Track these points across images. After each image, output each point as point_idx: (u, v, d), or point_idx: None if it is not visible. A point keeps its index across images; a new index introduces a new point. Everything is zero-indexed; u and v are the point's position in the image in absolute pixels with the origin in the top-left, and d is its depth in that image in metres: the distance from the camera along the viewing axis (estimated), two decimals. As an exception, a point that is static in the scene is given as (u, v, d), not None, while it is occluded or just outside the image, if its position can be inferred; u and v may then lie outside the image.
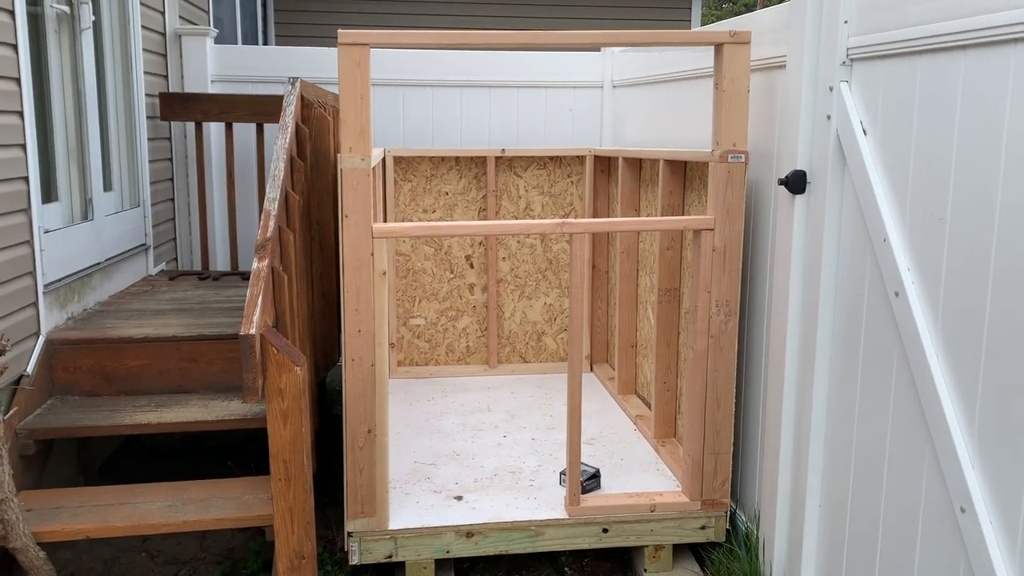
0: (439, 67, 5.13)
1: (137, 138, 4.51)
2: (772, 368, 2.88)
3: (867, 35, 2.35)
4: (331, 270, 3.95)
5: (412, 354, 4.84)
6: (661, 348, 3.71)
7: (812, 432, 2.66)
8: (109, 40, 4.29)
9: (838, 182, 2.52)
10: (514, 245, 4.82)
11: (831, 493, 2.62)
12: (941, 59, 2.06)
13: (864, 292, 2.40)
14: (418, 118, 5.16)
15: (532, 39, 2.99)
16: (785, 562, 2.87)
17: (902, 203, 2.23)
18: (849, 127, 2.43)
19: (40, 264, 3.33)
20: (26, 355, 3.20)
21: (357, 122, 2.77)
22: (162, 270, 4.82)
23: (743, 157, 2.93)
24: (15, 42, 3.16)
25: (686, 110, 3.83)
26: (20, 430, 3.00)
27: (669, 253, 3.66)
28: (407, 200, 4.71)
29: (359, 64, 2.75)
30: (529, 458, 3.58)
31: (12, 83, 3.14)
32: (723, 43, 2.88)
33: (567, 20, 8.96)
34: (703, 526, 3.15)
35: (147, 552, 3.40)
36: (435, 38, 2.87)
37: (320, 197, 3.75)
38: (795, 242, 2.70)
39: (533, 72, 5.21)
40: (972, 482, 1.95)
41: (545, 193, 4.82)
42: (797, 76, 2.65)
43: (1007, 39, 1.82)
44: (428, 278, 4.79)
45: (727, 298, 3.00)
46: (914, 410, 2.18)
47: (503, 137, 5.23)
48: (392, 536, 2.99)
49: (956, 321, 2.02)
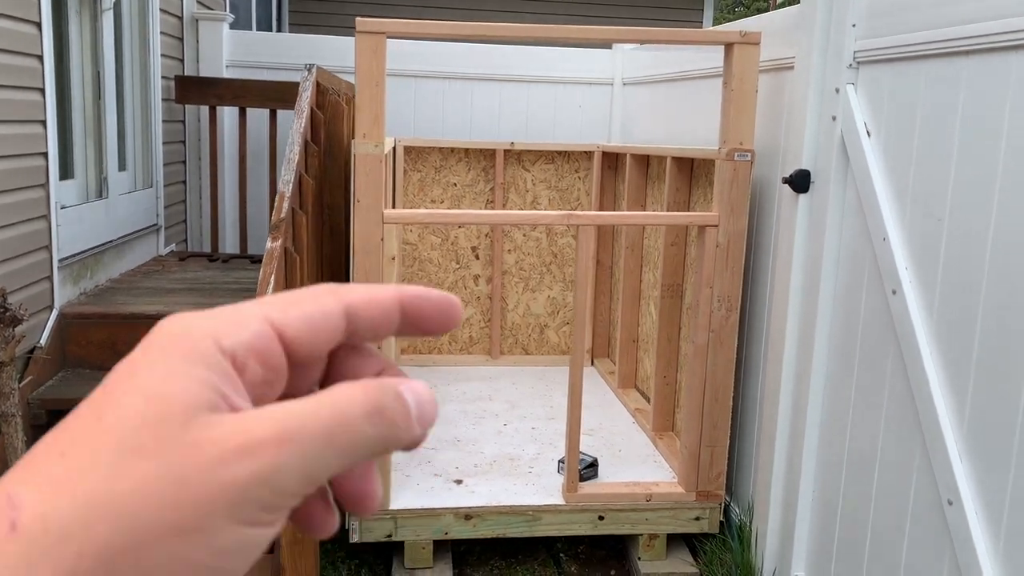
0: (452, 60, 5.18)
1: (152, 120, 4.57)
2: (770, 363, 2.94)
3: (874, 39, 2.41)
4: (341, 254, 4.01)
5: (416, 342, 4.90)
6: (662, 343, 3.76)
7: (807, 425, 2.72)
8: (128, 22, 4.36)
9: (841, 182, 2.58)
10: (520, 238, 4.88)
11: (824, 486, 2.68)
12: (944, 64, 2.11)
13: (863, 290, 2.46)
14: (429, 109, 5.22)
15: (544, 33, 3.05)
16: (777, 553, 2.93)
17: (902, 204, 2.29)
18: (853, 128, 2.48)
19: (56, 239, 3.39)
20: (40, 327, 3.27)
21: (372, 109, 2.83)
22: (172, 251, 4.89)
23: (749, 156, 2.98)
24: (39, 20, 3.22)
25: (695, 109, 3.88)
26: (32, 400, 3.07)
27: (673, 249, 3.71)
28: (416, 190, 4.77)
29: (376, 52, 2.81)
30: (528, 446, 3.64)
31: (35, 60, 3.20)
32: (733, 43, 2.93)
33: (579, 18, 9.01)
34: (697, 517, 3.21)
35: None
36: (451, 29, 2.93)
37: (332, 182, 3.81)
38: (797, 240, 2.76)
39: (545, 68, 5.26)
40: (960, 475, 2.00)
41: (552, 187, 4.87)
42: (804, 77, 2.70)
43: (1008, 46, 1.87)
44: (434, 268, 4.85)
45: (728, 293, 3.06)
46: (907, 405, 2.23)
47: (513, 131, 5.28)
48: (392, 516, 3.05)
49: (950, 319, 2.08)
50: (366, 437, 0.30)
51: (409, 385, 0.31)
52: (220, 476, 0.28)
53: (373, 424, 0.30)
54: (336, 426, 0.30)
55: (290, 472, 0.29)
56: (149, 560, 0.27)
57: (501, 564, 3.29)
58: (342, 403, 0.30)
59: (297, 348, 0.32)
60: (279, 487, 0.29)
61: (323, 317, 0.32)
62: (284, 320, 0.32)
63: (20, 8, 3.07)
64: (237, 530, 0.28)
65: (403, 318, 0.34)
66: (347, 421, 0.30)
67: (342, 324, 0.33)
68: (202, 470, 0.28)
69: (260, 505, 0.28)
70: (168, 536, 0.27)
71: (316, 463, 0.29)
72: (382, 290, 0.34)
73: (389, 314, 0.34)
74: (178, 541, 0.27)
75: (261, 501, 0.28)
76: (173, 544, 0.27)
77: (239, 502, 0.28)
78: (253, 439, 0.28)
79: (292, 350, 0.32)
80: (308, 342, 0.32)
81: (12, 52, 3.04)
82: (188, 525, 0.27)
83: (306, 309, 0.32)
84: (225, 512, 0.28)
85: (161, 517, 0.27)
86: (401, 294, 0.34)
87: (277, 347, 0.32)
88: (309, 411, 0.29)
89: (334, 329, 0.33)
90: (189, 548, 0.27)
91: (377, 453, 0.31)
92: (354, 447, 0.30)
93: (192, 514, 0.27)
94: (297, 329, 0.32)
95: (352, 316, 0.33)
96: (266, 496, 0.28)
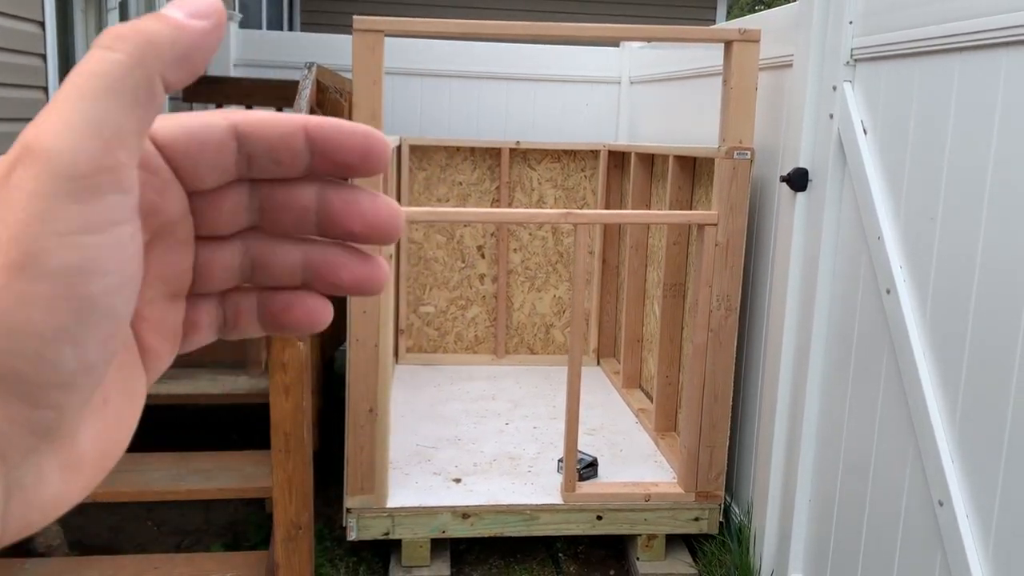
0: (458, 59, 5.18)
1: (159, 118, 4.60)
2: (769, 363, 2.92)
3: (870, 36, 2.39)
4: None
5: (421, 341, 4.90)
6: (664, 342, 3.75)
7: (804, 427, 2.69)
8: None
9: (838, 180, 2.55)
10: (526, 237, 4.87)
11: (821, 487, 2.66)
12: (937, 61, 2.09)
13: (858, 290, 2.44)
14: (436, 108, 5.22)
15: (546, 31, 3.04)
16: (775, 555, 2.90)
17: (897, 202, 2.26)
18: (850, 126, 2.46)
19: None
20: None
21: (369, 107, 2.83)
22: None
23: (748, 154, 2.96)
24: (42, 19, 3.25)
25: (701, 107, 3.86)
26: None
27: (676, 248, 3.70)
28: (421, 188, 4.77)
29: (373, 50, 2.81)
30: (529, 445, 3.63)
31: (38, 59, 3.23)
32: (732, 40, 2.91)
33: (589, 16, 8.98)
34: (697, 517, 3.19)
35: (152, 521, 3.48)
36: (449, 27, 2.93)
37: (334, 181, 3.82)
38: (795, 239, 2.74)
39: (551, 66, 5.25)
40: (951, 475, 1.98)
41: (559, 186, 4.86)
42: (802, 75, 2.68)
43: (998, 42, 1.85)
44: (440, 267, 4.85)
45: (728, 293, 3.04)
46: (900, 406, 2.21)
47: (520, 130, 5.28)
48: (390, 514, 3.06)
49: (943, 319, 2.05)
50: (117, 60, 0.28)
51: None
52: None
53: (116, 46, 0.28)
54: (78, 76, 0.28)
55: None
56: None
57: (499, 563, 3.28)
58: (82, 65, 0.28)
59: (173, 153, 0.31)
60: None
61: (203, 127, 0.32)
62: (158, 125, 0.31)
63: (23, 7, 3.10)
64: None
65: (311, 147, 0.33)
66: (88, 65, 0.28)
67: (229, 141, 0.32)
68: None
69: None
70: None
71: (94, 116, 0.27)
72: (284, 116, 0.33)
73: (289, 139, 0.32)
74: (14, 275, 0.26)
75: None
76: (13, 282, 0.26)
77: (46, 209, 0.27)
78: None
79: (168, 155, 0.31)
80: (184, 147, 0.31)
81: (14, 51, 3.06)
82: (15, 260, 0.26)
83: (184, 119, 0.32)
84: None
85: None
86: (306, 119, 0.33)
87: (150, 147, 0.31)
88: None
89: (219, 142, 0.32)
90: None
91: (144, 75, 0.28)
92: (114, 79, 0.28)
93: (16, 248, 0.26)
94: (172, 133, 0.31)
95: (243, 136, 0.32)
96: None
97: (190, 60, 0.29)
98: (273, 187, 0.34)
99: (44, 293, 0.26)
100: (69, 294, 0.27)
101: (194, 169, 0.32)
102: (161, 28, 0.29)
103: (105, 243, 0.28)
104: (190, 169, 0.32)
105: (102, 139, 0.27)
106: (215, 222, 0.34)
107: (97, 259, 0.27)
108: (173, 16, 0.29)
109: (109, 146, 0.27)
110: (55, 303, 0.27)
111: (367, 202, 0.34)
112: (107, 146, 0.27)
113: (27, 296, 0.26)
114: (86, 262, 0.27)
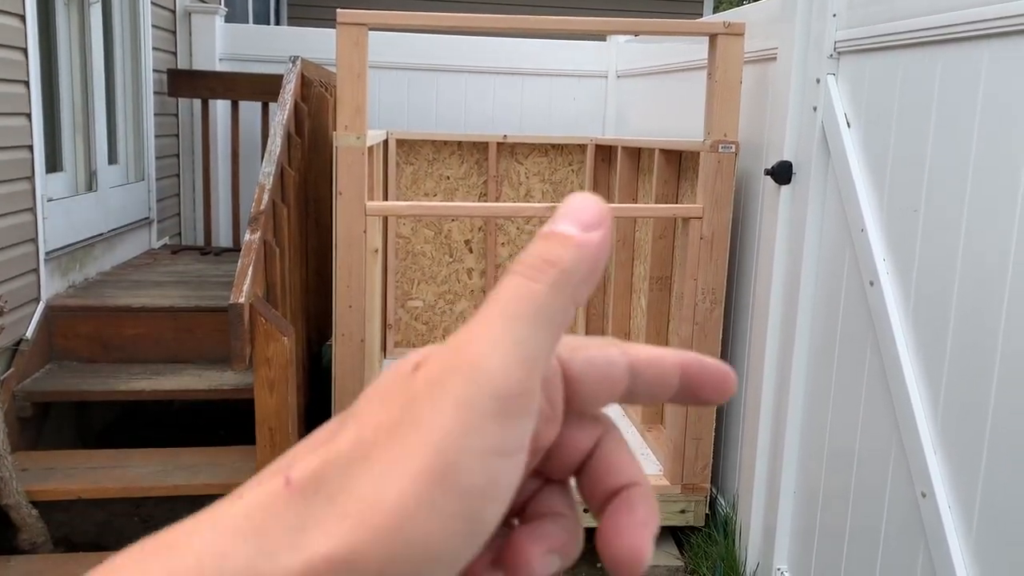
0: (445, 53, 5.17)
1: (144, 113, 4.57)
2: (754, 356, 2.93)
3: (854, 28, 2.39)
4: (327, 247, 4.00)
5: (409, 335, 4.89)
6: (651, 336, 3.75)
7: (789, 419, 2.70)
8: (119, 15, 4.36)
9: (822, 173, 2.56)
10: (514, 231, 4.87)
11: (805, 479, 2.67)
12: (920, 53, 2.09)
13: (842, 282, 2.44)
14: (422, 102, 5.21)
15: (533, 24, 3.03)
16: (760, 547, 2.92)
17: (880, 195, 2.27)
18: (834, 119, 2.47)
19: (42, 231, 3.40)
20: (26, 320, 3.27)
21: (353, 101, 2.82)
22: (165, 244, 4.89)
23: (733, 148, 2.97)
24: (23, 12, 3.22)
25: (687, 101, 3.86)
26: (17, 392, 3.08)
27: (662, 242, 3.70)
28: (408, 183, 4.76)
29: (357, 44, 2.80)
30: (516, 439, 3.63)
31: (19, 53, 3.21)
32: (717, 34, 2.91)
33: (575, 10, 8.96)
34: (683, 510, 3.20)
35: (139, 517, 3.47)
36: (434, 20, 2.92)
37: (317, 175, 3.81)
38: (779, 232, 2.74)
39: (538, 60, 5.24)
40: (933, 467, 1.99)
41: (546, 180, 4.86)
42: (787, 68, 2.68)
43: (980, 34, 1.85)
44: (427, 261, 4.84)
45: (713, 286, 3.04)
46: (884, 398, 2.22)
47: (507, 124, 5.27)
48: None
49: (926, 311, 2.06)
50: (545, 288, 0.28)
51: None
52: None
53: (537, 276, 0.28)
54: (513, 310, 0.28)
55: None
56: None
57: (487, 557, 3.28)
58: (502, 289, 0.29)
59: (579, 388, 0.31)
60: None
61: (607, 364, 0.31)
62: (570, 357, 0.31)
63: (3, 1, 3.07)
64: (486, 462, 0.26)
65: (681, 384, 0.33)
66: (516, 297, 0.28)
67: (626, 379, 0.31)
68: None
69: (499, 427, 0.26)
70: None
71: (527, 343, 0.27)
72: (664, 352, 0.33)
73: (668, 378, 0.32)
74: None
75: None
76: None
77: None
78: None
79: (574, 389, 0.31)
80: (592, 384, 0.31)
81: (-5, 45, 3.04)
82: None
83: (592, 353, 0.31)
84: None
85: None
86: (682, 359, 0.33)
87: (558, 381, 0.30)
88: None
89: (617, 380, 0.31)
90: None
91: (573, 287, 0.28)
92: (542, 306, 0.28)
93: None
94: (582, 368, 0.31)
95: (636, 373, 0.32)
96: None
97: (595, 275, 0.29)
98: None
99: (449, 510, 0.25)
100: (470, 516, 0.26)
101: (588, 399, 0.31)
102: (569, 254, 0.28)
103: (508, 468, 0.27)
104: (585, 399, 0.31)
105: (527, 362, 0.27)
106: (560, 462, 0.32)
107: (499, 484, 0.26)
108: (570, 234, 0.29)
109: (531, 370, 0.27)
110: (454, 523, 0.25)
111: (625, 521, 0.31)
112: (530, 370, 0.27)
113: (436, 510, 0.25)
114: (490, 486, 0.26)
